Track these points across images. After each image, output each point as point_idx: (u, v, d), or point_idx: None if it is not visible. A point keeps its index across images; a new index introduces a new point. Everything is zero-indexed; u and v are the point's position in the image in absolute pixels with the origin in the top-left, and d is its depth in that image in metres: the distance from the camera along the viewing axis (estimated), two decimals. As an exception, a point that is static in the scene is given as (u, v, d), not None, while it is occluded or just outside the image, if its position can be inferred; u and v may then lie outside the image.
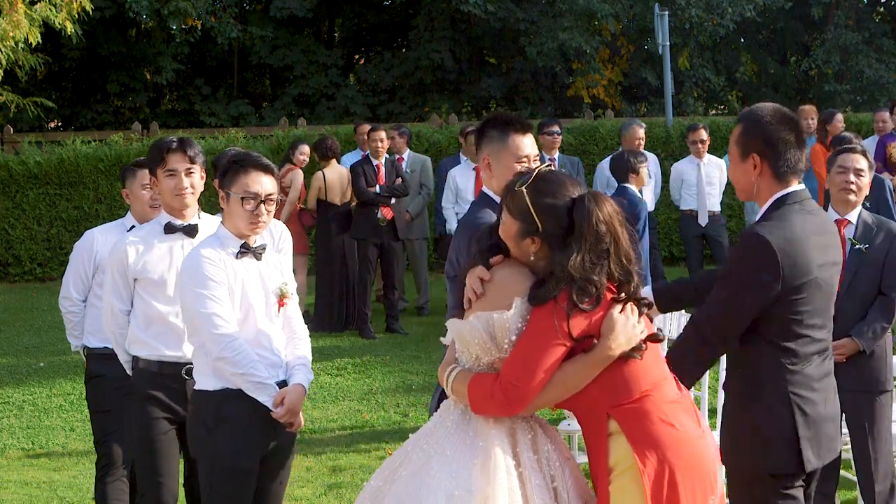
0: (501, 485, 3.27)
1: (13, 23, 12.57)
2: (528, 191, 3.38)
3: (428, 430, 3.52)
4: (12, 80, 16.23)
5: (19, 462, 7.54)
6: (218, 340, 4.22)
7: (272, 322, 4.42)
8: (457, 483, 3.28)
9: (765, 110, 3.80)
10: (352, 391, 9.06)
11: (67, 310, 5.63)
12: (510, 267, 3.44)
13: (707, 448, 3.43)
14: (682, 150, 14.52)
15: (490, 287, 3.39)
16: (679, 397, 3.45)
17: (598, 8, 19.69)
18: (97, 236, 5.56)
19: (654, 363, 3.43)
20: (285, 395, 4.29)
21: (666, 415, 3.36)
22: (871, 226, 5.40)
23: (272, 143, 15.03)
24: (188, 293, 4.29)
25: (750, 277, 3.62)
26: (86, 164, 15.00)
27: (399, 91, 22.57)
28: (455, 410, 3.47)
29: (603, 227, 3.32)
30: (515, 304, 3.33)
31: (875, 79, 21.32)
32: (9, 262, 15.11)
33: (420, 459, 3.42)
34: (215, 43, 21.83)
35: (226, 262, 4.31)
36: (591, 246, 3.31)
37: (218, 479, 4.29)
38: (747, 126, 3.80)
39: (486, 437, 3.36)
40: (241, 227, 4.34)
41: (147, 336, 4.78)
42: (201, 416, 4.33)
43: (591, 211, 3.32)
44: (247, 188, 4.31)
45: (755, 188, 3.80)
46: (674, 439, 3.34)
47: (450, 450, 3.38)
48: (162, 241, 4.82)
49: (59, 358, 10.37)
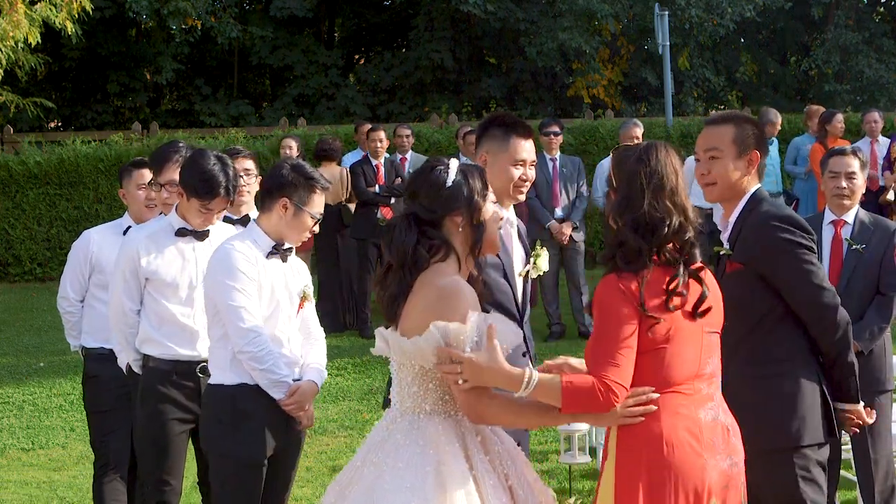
0: (457, 491, 3.24)
1: (13, 23, 12.56)
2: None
3: (376, 443, 3.45)
4: (12, 80, 16.21)
5: (19, 462, 7.54)
6: (244, 334, 4.28)
7: (291, 322, 4.51)
8: (412, 494, 3.24)
9: (744, 114, 4.18)
10: (352, 391, 9.06)
11: (65, 310, 5.64)
12: (455, 275, 3.41)
13: (703, 469, 3.25)
14: (681, 150, 14.51)
15: (440, 297, 3.33)
16: (708, 405, 3.33)
17: (598, 8, 19.68)
18: (93, 237, 5.56)
19: (693, 359, 3.32)
20: (296, 389, 4.38)
21: (674, 416, 3.26)
22: (867, 226, 5.41)
23: (272, 144, 15.03)
24: (217, 284, 4.34)
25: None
26: (86, 164, 15.00)
27: (399, 91, 22.57)
28: (402, 421, 3.41)
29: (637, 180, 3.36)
30: (472, 317, 3.28)
31: (875, 79, 21.31)
32: (9, 262, 15.11)
33: (372, 474, 3.36)
34: (215, 43, 21.82)
35: (258, 258, 4.38)
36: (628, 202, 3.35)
37: (231, 473, 4.33)
38: (745, 125, 4.05)
39: (436, 446, 3.32)
40: (291, 237, 4.46)
41: (159, 335, 4.81)
42: (216, 411, 4.37)
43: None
44: (318, 209, 4.47)
45: (742, 185, 4.08)
46: (661, 442, 3.25)
47: (401, 462, 3.32)
48: (173, 243, 4.85)
49: (59, 358, 10.37)
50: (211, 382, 4.44)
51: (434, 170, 3.49)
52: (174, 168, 5.05)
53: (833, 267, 5.39)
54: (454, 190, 3.45)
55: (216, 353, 4.41)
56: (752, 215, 4.03)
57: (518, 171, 4.36)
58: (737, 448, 3.40)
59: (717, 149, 4.05)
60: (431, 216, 3.43)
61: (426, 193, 3.45)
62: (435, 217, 3.44)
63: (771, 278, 3.97)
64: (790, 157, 12.38)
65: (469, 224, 3.46)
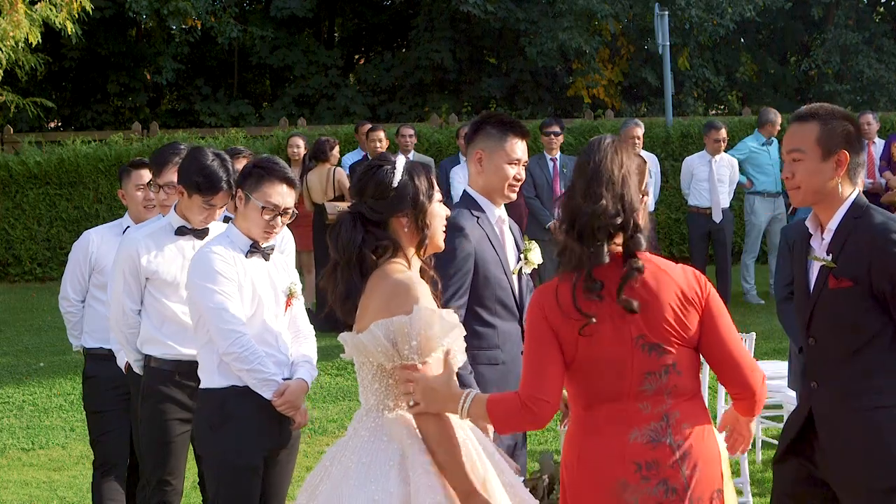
0: (419, 482, 3.26)
1: (13, 23, 12.57)
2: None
3: (343, 443, 3.50)
4: (12, 80, 16.22)
5: (19, 462, 7.54)
6: (226, 335, 4.23)
7: (279, 321, 4.45)
8: (376, 487, 3.28)
9: (834, 108, 3.68)
10: (352, 391, 9.06)
11: (66, 310, 5.66)
12: (406, 272, 3.42)
13: (610, 492, 3.13)
14: (682, 151, 14.53)
15: (393, 293, 3.34)
16: (648, 426, 3.15)
17: (598, 8, 19.68)
18: (93, 237, 5.57)
19: (615, 376, 3.16)
20: (286, 388, 4.31)
21: (587, 435, 3.20)
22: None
23: (272, 143, 15.04)
24: (197, 288, 4.29)
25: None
26: (86, 164, 15.00)
27: (399, 91, 22.57)
28: (367, 419, 3.44)
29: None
30: (415, 309, 3.29)
31: (875, 79, 21.31)
32: (9, 262, 15.11)
33: (339, 473, 3.40)
34: (215, 43, 21.83)
35: (236, 258, 4.34)
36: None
37: (225, 477, 4.30)
38: (830, 123, 3.63)
39: (400, 440, 3.35)
40: (254, 232, 4.37)
41: (162, 334, 4.79)
42: (207, 414, 4.34)
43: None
44: (269, 198, 4.33)
45: (831, 189, 3.63)
46: (566, 462, 3.26)
47: (366, 457, 3.36)
48: (173, 242, 4.84)
49: (59, 358, 10.37)
50: (202, 386, 4.40)
51: (380, 169, 3.47)
52: (173, 170, 5.04)
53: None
54: (400, 191, 3.45)
55: (204, 357, 4.37)
56: (861, 226, 3.60)
57: (513, 170, 4.41)
58: (685, 476, 3.14)
59: (806, 150, 3.64)
60: (377, 217, 3.45)
61: (372, 194, 3.46)
62: (381, 218, 3.46)
63: (889, 297, 3.54)
64: (789, 158, 12.34)
65: (414, 225, 3.46)
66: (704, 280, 3.27)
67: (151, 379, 4.83)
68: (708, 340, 3.21)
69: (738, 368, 3.22)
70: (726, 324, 3.23)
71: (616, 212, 3.14)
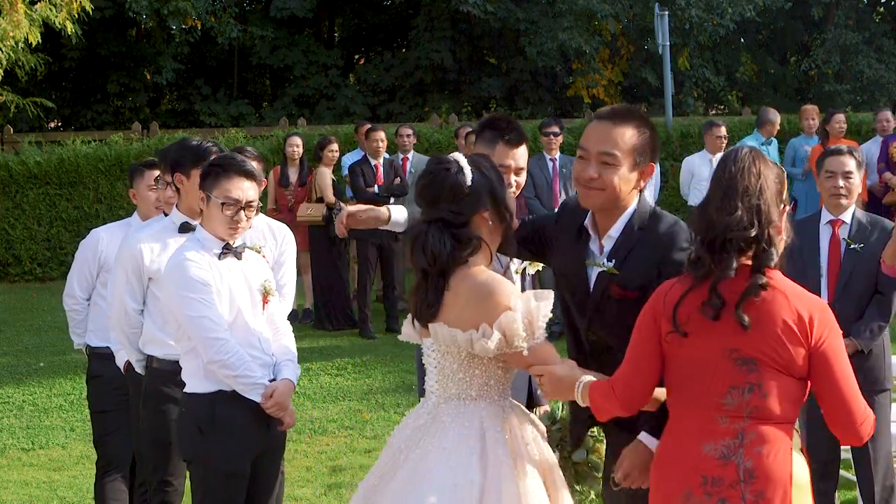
0: (497, 473, 3.35)
1: (13, 23, 12.57)
2: None
3: (421, 426, 3.54)
4: (12, 80, 16.22)
5: (19, 462, 7.54)
6: (210, 344, 4.17)
7: (258, 320, 4.39)
8: (459, 473, 3.34)
9: (643, 112, 3.75)
10: (352, 391, 9.06)
11: (71, 307, 5.65)
12: (486, 271, 3.51)
13: (668, 495, 3.23)
14: (682, 150, 14.52)
15: (487, 293, 3.43)
16: (724, 441, 3.15)
17: (597, 8, 19.69)
18: (103, 235, 5.57)
19: (702, 385, 3.19)
20: (274, 390, 4.27)
21: (669, 436, 3.32)
22: (865, 225, 5.41)
23: (272, 143, 15.04)
24: (175, 297, 4.22)
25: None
26: (86, 164, 14.99)
27: (399, 91, 22.57)
28: (447, 406, 3.50)
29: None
30: (517, 302, 3.39)
31: (875, 79, 21.31)
32: (9, 262, 15.11)
33: (418, 456, 3.45)
34: (215, 43, 21.83)
35: (210, 263, 4.26)
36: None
37: (213, 483, 4.25)
38: (645, 132, 3.65)
39: (482, 429, 3.43)
40: (219, 231, 4.30)
41: (165, 334, 4.73)
42: (194, 420, 4.27)
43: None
44: (228, 194, 4.25)
45: (631, 197, 3.64)
46: (658, 460, 3.36)
47: (447, 442, 3.42)
48: (176, 241, 4.76)
49: (59, 358, 10.37)
50: (187, 391, 4.33)
51: (447, 172, 3.49)
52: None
53: (831, 267, 5.39)
54: (475, 189, 3.49)
55: (187, 363, 4.32)
56: (647, 236, 3.62)
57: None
58: (744, 501, 3.07)
59: (612, 154, 3.73)
60: (460, 219, 3.48)
61: (448, 198, 3.47)
62: (463, 220, 3.49)
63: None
64: (788, 158, 12.25)
65: (497, 216, 3.54)
66: (825, 325, 3.14)
67: (153, 379, 4.82)
68: (820, 385, 3.14)
69: (850, 417, 3.17)
70: (842, 369, 3.12)
71: (750, 223, 3.12)
